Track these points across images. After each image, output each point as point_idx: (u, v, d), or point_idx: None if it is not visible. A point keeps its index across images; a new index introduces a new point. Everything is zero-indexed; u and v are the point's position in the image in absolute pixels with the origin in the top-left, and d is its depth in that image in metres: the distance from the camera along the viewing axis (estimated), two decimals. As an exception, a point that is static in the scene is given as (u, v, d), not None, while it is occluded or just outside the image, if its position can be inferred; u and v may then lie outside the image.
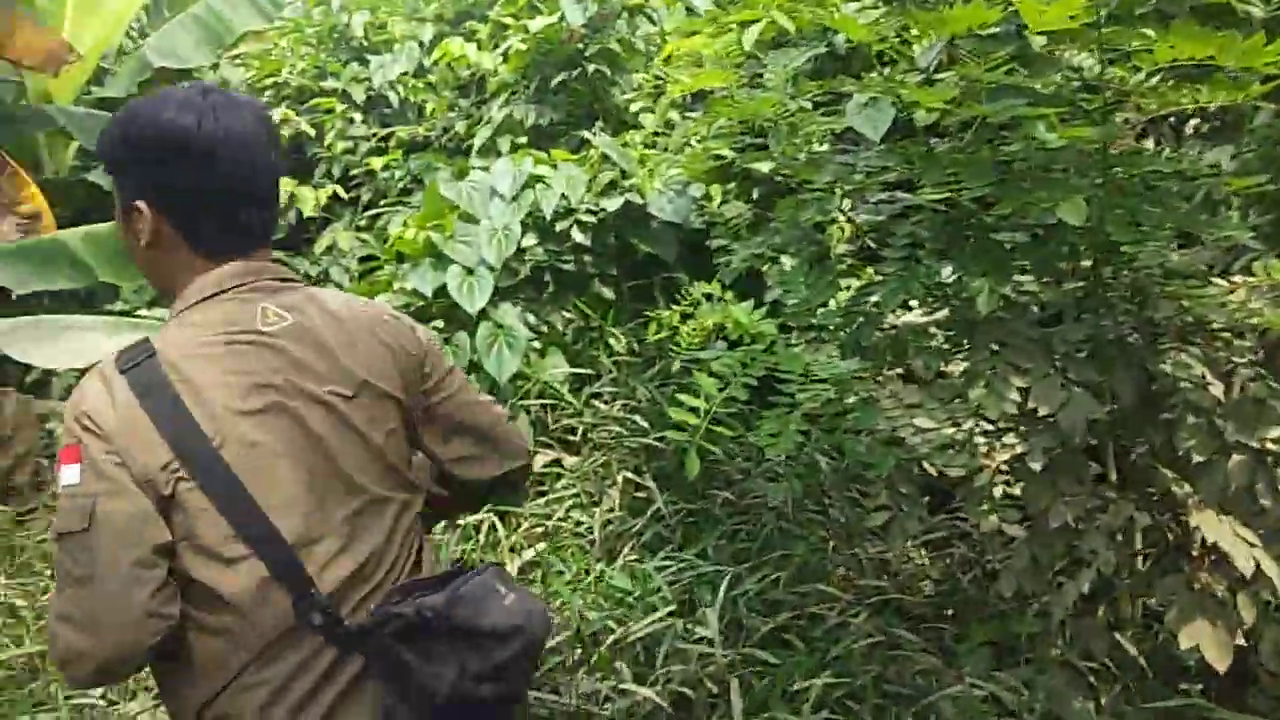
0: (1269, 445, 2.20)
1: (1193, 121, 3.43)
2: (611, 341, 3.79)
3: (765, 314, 3.38)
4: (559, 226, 3.78)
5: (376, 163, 5.08)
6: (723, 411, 2.93)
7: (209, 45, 6.37)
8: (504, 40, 5.12)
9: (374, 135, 5.32)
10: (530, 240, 3.78)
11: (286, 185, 5.07)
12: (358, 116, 5.34)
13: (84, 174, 5.78)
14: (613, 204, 3.78)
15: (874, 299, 2.52)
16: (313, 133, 5.29)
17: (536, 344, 3.69)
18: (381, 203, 5.02)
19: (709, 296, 3.41)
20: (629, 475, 3.55)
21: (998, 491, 2.58)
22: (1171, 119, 3.38)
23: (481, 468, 1.50)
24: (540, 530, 3.47)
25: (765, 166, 4.05)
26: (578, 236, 3.76)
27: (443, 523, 3.18)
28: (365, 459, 1.31)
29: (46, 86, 5.98)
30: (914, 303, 2.91)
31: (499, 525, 3.41)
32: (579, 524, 3.46)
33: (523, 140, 4.67)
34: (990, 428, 2.45)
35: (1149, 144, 3.34)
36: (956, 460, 2.35)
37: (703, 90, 5.04)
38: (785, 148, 3.35)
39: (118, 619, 1.13)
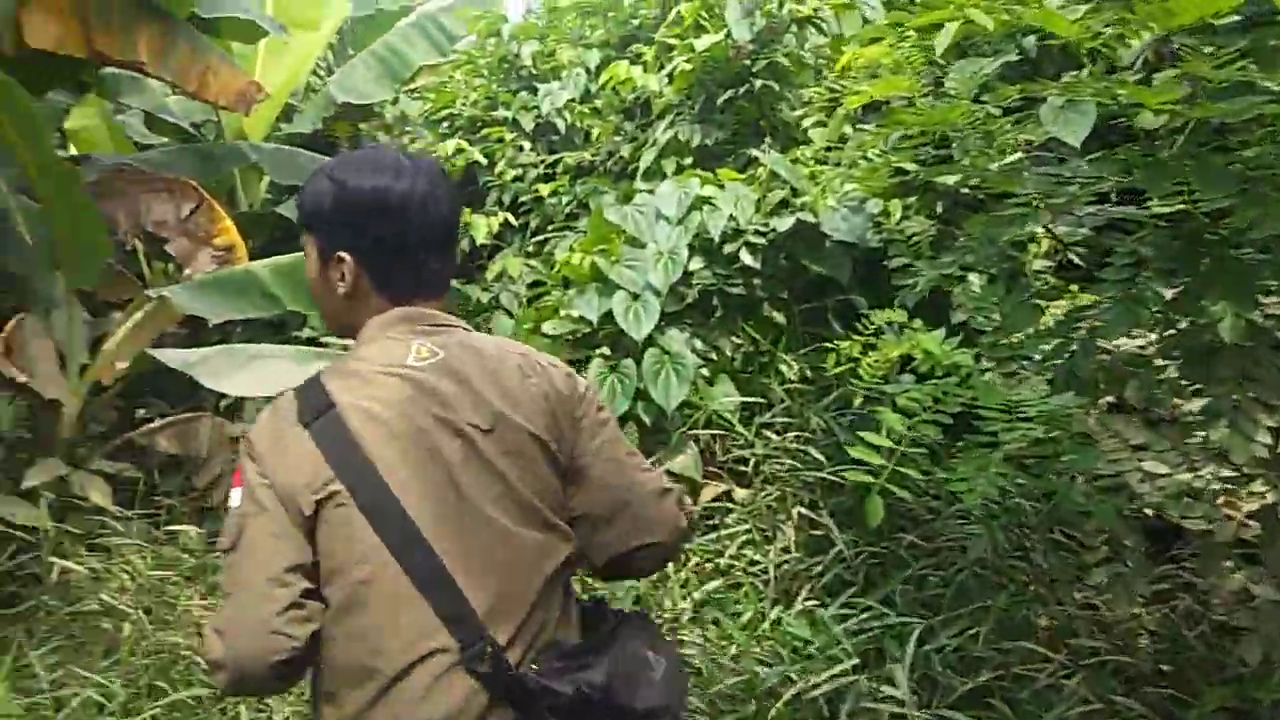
0: None
1: None
2: (783, 368, 3.58)
3: (959, 343, 3.12)
4: (727, 249, 3.62)
5: (544, 189, 5.07)
6: (911, 449, 2.69)
7: (388, 80, 6.61)
8: (669, 61, 5.02)
9: (542, 162, 5.32)
10: (697, 263, 3.63)
11: (463, 214, 5.12)
12: (526, 144, 5.36)
13: (274, 207, 6.06)
14: (783, 224, 3.58)
15: (1089, 324, 2.23)
16: (484, 161, 5.34)
17: (705, 371, 3.53)
18: (549, 228, 5.00)
19: (891, 324, 3.16)
20: (804, 511, 3.34)
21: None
22: None
23: (609, 533, 1.41)
24: (711, 567, 3.30)
25: (951, 179, 3.77)
26: (746, 259, 3.58)
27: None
28: (498, 492, 1.32)
29: (240, 125, 6.32)
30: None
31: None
32: (752, 563, 3.27)
33: (688, 161, 4.54)
34: (1232, 473, 2.10)
35: None
36: (1195, 510, 2.03)
37: (876, 102, 4.80)
38: (976, 158, 3.09)
39: (247, 633, 1.20)
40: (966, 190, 3.90)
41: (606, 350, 3.50)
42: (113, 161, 5.31)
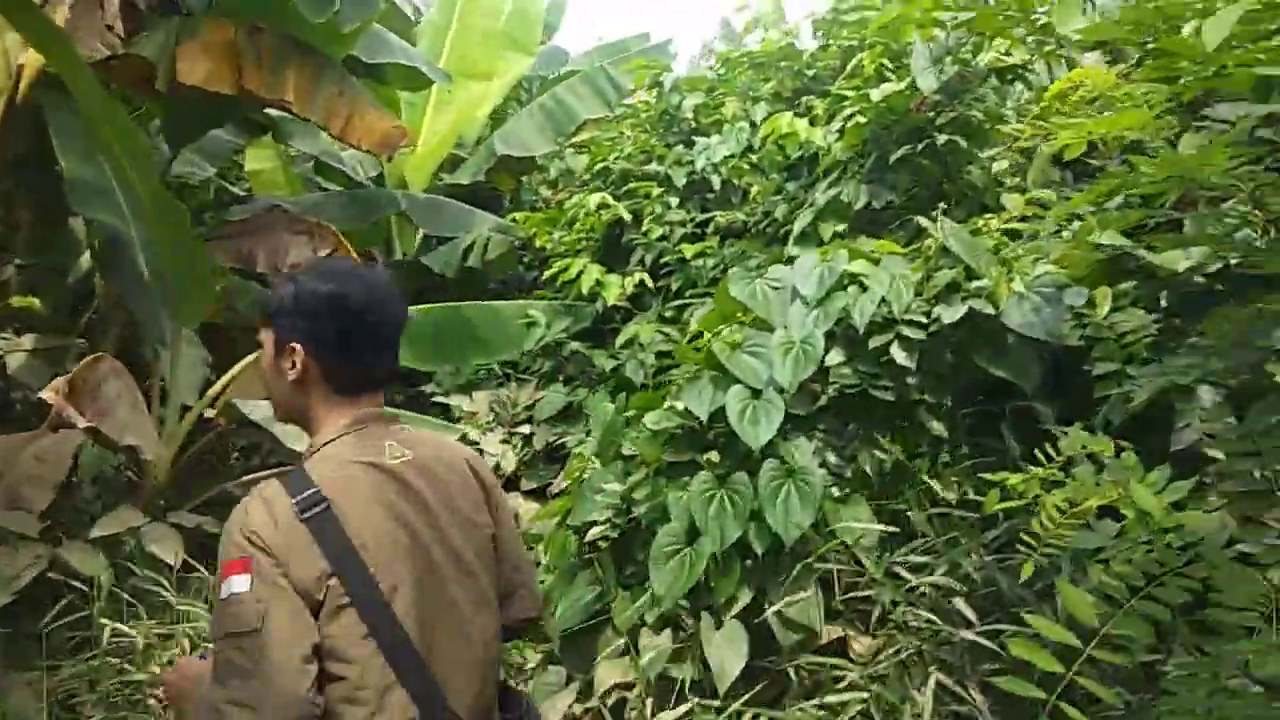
0: None
1: None
2: (935, 491, 2.68)
3: (1189, 482, 2.19)
4: (875, 341, 2.77)
5: (689, 250, 4.40)
6: (1105, 656, 1.80)
7: (551, 133, 6.18)
8: (842, 114, 4.26)
9: (691, 220, 4.66)
10: (836, 357, 2.79)
11: (595, 272, 4.55)
12: (674, 201, 4.71)
13: (421, 257, 5.72)
14: (951, 313, 2.71)
15: None
16: (629, 218, 4.74)
17: (836, 490, 2.70)
18: (688, 293, 4.32)
19: (1091, 456, 2.25)
20: (945, 680, 2.44)
21: None
22: None
23: (513, 605, 1.61)
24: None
25: (1184, 262, 2.81)
26: (899, 356, 2.73)
27: None
28: (469, 585, 1.49)
29: (403, 173, 6.05)
30: None
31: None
32: (871, 745, 2.41)
33: (846, 228, 3.75)
34: None
35: None
36: None
37: (1088, 167, 3.83)
38: (1229, 228, 2.17)
39: (284, 704, 1.28)
40: (1202, 278, 2.93)
41: (714, 456, 2.73)
42: (264, 202, 5.11)
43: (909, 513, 2.63)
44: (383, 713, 1.36)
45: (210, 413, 3.78)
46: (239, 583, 1.33)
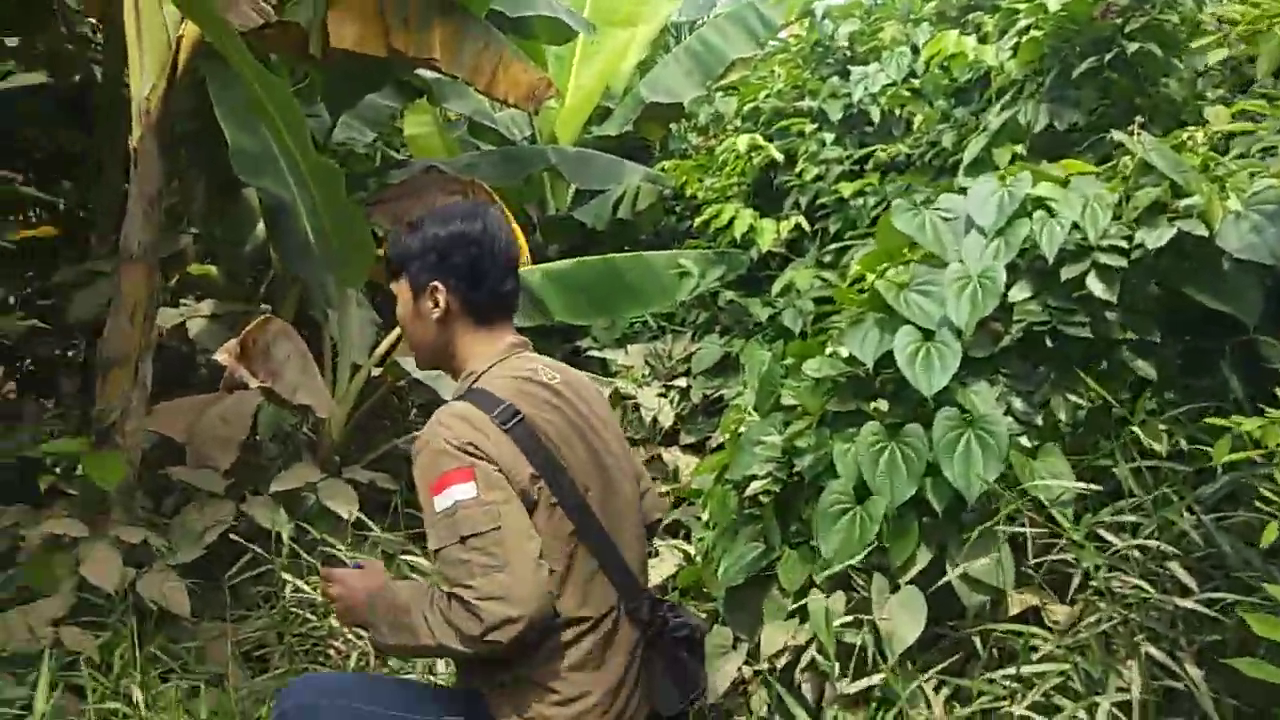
0: None
1: None
2: (1146, 439, 2.35)
3: None
4: (1067, 272, 2.43)
5: (847, 189, 4.10)
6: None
7: (699, 76, 5.94)
8: (1015, 28, 3.84)
9: (848, 157, 4.34)
10: (1022, 292, 2.47)
11: (748, 218, 4.32)
12: (829, 138, 4.39)
13: (572, 212, 5.63)
14: (1156, 237, 2.35)
15: None
16: (781, 159, 4.47)
17: (1026, 440, 2.41)
18: (848, 235, 4.03)
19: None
20: (1155, 653, 2.15)
21: None
22: None
23: (647, 510, 1.85)
24: (1003, 714, 2.23)
25: None
26: (1095, 287, 2.39)
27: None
28: (630, 489, 1.72)
29: (553, 128, 5.98)
30: None
31: (930, 697, 2.24)
32: (1072, 721, 2.15)
33: (1026, 153, 3.37)
34: None
35: None
36: None
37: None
38: None
39: (534, 592, 1.44)
40: None
41: (883, 405, 2.49)
42: (420, 164, 5.15)
43: (1113, 467, 2.32)
44: (589, 601, 1.54)
45: (377, 371, 3.85)
46: (462, 490, 1.45)
